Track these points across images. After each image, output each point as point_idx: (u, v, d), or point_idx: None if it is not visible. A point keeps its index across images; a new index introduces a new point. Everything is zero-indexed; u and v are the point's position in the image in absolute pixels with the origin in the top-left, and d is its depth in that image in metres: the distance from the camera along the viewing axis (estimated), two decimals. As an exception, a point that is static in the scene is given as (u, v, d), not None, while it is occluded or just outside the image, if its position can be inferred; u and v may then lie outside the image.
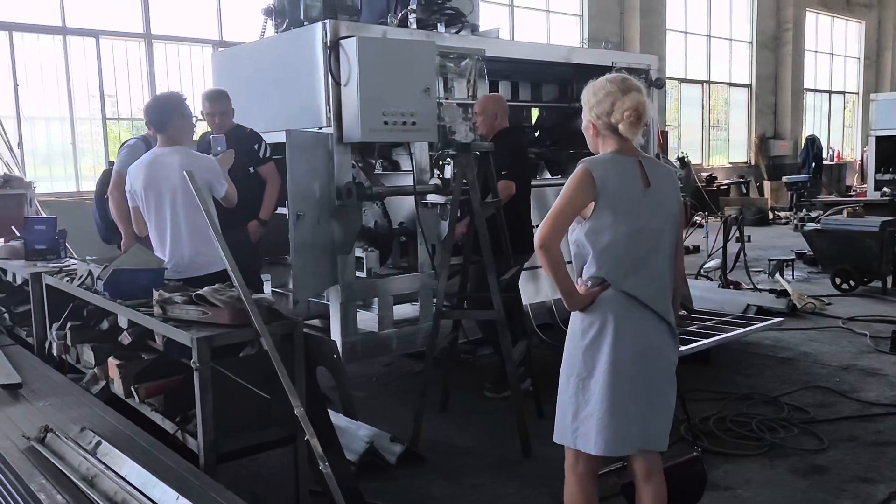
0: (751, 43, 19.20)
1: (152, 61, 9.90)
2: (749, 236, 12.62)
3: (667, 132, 16.70)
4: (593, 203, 2.49)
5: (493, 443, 4.17)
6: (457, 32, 5.89)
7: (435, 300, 4.59)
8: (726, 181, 17.83)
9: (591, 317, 2.52)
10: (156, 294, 2.93)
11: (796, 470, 3.75)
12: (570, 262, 2.64)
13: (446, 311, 4.22)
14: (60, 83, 9.31)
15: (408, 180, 5.36)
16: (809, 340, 6.25)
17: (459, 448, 4.13)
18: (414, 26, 5.58)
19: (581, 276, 2.59)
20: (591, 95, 2.56)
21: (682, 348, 5.24)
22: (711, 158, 18.77)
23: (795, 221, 13.41)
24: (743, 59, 19.20)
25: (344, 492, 2.97)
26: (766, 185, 18.53)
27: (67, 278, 3.87)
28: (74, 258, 4.71)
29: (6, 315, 4.78)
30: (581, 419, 2.53)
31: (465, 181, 4.20)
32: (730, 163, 19.02)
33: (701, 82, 18.16)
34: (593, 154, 2.64)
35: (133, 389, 3.06)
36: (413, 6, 5.61)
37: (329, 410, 4.23)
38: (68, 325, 3.84)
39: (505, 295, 4.15)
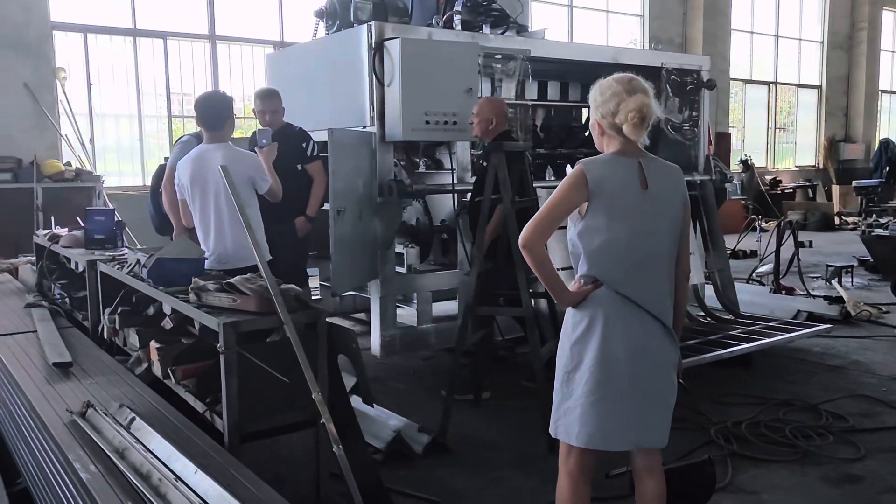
0: (822, 43, 18.61)
1: (216, 61, 10.27)
2: (811, 241, 12.37)
3: (730, 134, 16.39)
4: (586, 203, 2.51)
5: (521, 438, 4.21)
6: (502, 33, 5.96)
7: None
8: (792, 185, 17.33)
9: (582, 313, 2.55)
10: (193, 282, 3.10)
11: (828, 478, 3.69)
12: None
13: (475, 307, 4.28)
14: (130, 82, 9.76)
15: (450, 179, 5.45)
16: (863, 349, 6.08)
17: (487, 442, 4.19)
18: (459, 27, 5.67)
19: (577, 273, 2.62)
20: (598, 95, 2.58)
21: (721, 352, 5.21)
22: (777, 161, 18.28)
23: (863, 227, 12.98)
24: (813, 60, 18.62)
25: (363, 477, 3.09)
26: (835, 189, 17.96)
27: (118, 266, 4.10)
28: (130, 248, 4.94)
29: (67, 300, 5.07)
30: (563, 411, 2.57)
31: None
32: (797, 166, 18.48)
33: (767, 83, 17.70)
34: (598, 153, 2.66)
35: (170, 371, 3.23)
36: (458, 8, 5.70)
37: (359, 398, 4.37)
38: (119, 310, 4.06)
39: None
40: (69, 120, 9.15)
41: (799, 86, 18.46)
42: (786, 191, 16.93)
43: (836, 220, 15.55)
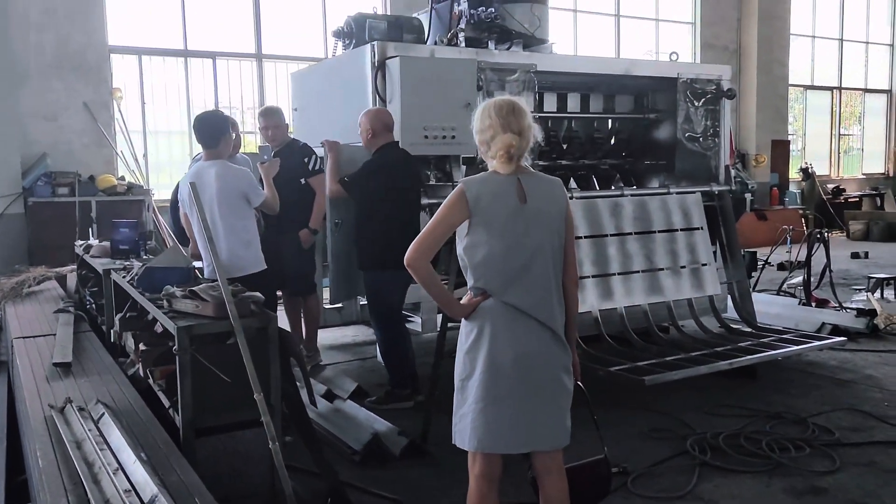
0: (891, 46, 17.90)
1: (262, 78, 10.75)
2: (867, 252, 11.95)
3: (788, 141, 15.96)
4: (469, 220, 2.65)
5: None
6: (508, 49, 6.10)
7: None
8: (857, 193, 16.71)
9: (472, 323, 2.69)
10: (164, 289, 3.38)
11: (792, 490, 3.67)
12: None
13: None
14: (181, 100, 10.32)
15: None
16: (881, 363, 5.92)
17: (467, 446, 4.32)
18: (463, 44, 5.84)
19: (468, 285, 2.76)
20: (478, 121, 2.72)
21: (720, 363, 5.19)
22: (842, 169, 17.65)
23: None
24: (881, 63, 17.92)
25: (321, 473, 3.30)
26: (905, 198, 17.21)
27: (125, 274, 4.43)
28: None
29: (93, 306, 5.48)
30: (458, 417, 2.72)
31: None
32: (864, 174, 17.79)
33: (830, 89, 17.14)
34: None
35: (149, 371, 3.52)
36: (462, 25, 5.87)
37: (354, 403, 4.58)
38: (127, 315, 4.40)
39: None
40: (124, 137, 9.75)
41: (866, 90, 17.79)
42: (850, 200, 16.35)
43: (903, 230, 14.92)
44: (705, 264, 6.29)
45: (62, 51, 9.29)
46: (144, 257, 4.85)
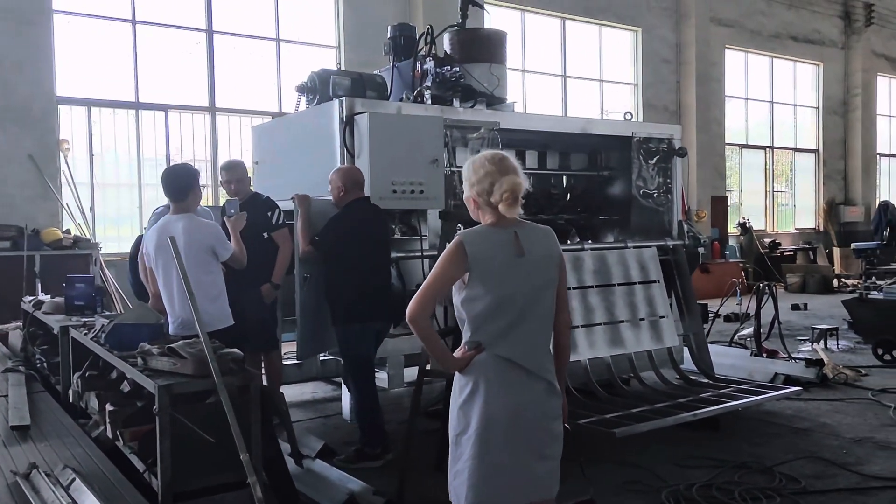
0: (817, 108, 18.95)
1: (216, 131, 10.67)
2: (805, 304, 12.40)
3: (727, 197, 16.60)
4: (468, 274, 2.67)
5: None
6: (472, 107, 6.23)
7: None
8: (792, 247, 17.41)
9: (467, 378, 2.68)
10: (139, 347, 3.27)
11: (768, 540, 3.72)
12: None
13: (430, 370, 4.40)
14: (132, 152, 10.14)
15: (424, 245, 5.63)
16: (834, 412, 6.10)
17: (442, 504, 4.25)
18: (429, 102, 5.94)
19: (463, 337, 2.76)
20: (472, 173, 2.75)
21: (685, 414, 5.26)
22: (777, 224, 18.41)
23: (860, 290, 13.01)
24: (809, 125, 18.94)
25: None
26: (836, 251, 17.99)
27: (86, 331, 4.28)
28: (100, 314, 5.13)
29: (45, 364, 5.25)
30: (454, 474, 2.68)
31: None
32: (797, 228, 18.58)
33: (764, 148, 17.97)
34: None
35: (119, 433, 3.37)
36: (428, 83, 5.98)
37: (324, 463, 4.47)
38: (86, 374, 4.23)
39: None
40: (70, 189, 9.51)
41: (796, 150, 18.71)
42: (785, 253, 16.99)
43: (836, 283, 15.55)
44: (663, 316, 6.42)
45: (6, 101, 9.08)
46: (105, 314, 4.69)
